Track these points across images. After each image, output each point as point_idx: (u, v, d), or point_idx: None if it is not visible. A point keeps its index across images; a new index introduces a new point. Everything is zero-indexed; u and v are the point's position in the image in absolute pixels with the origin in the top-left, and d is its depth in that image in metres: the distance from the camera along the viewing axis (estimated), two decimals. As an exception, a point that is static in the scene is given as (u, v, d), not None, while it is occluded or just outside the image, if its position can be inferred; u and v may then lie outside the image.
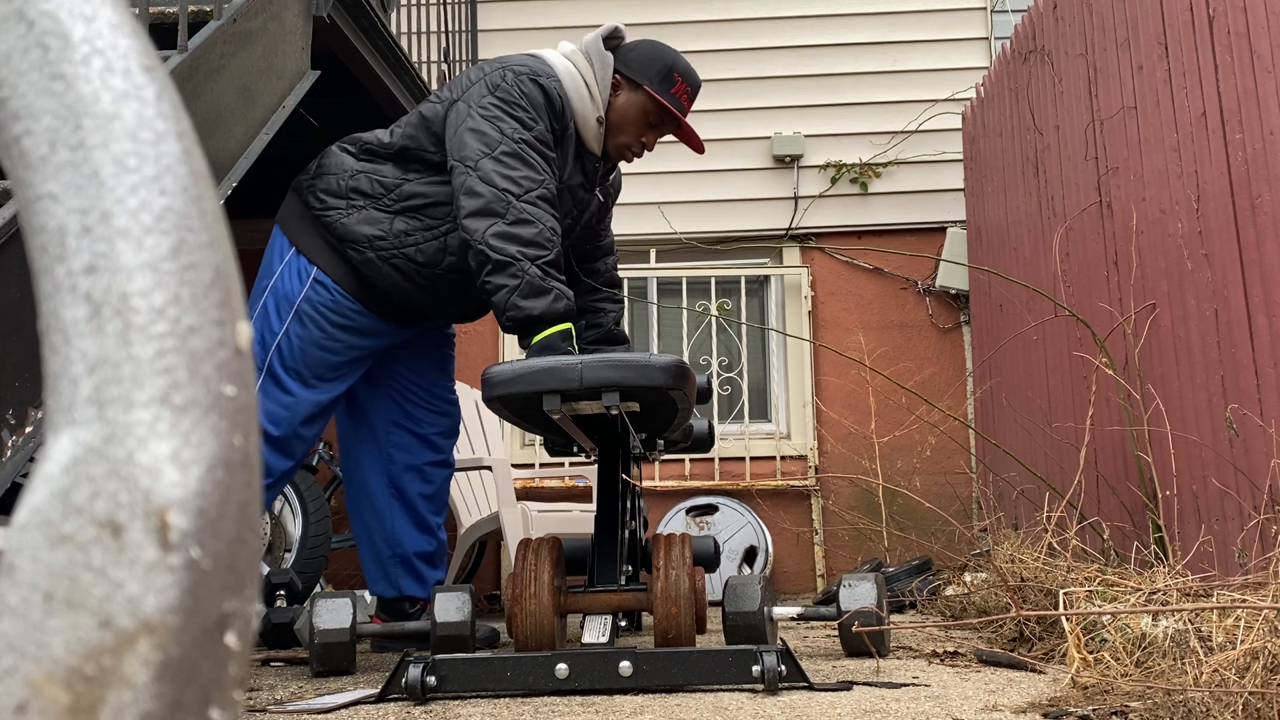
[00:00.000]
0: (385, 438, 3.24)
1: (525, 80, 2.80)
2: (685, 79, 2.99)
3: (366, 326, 2.97)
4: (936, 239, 5.92)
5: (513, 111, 2.76)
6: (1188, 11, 3.17)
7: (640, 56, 2.97)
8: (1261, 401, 2.77)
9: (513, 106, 2.76)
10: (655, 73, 2.94)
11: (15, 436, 1.81)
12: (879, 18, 6.14)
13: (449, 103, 2.86)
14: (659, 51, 3.00)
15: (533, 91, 2.79)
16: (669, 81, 2.94)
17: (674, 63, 2.98)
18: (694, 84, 3.03)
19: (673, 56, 3.00)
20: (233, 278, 0.43)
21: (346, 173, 2.92)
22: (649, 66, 2.94)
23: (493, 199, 2.66)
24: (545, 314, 2.64)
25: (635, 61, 2.96)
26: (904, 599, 4.01)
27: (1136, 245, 3.49)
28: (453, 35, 5.25)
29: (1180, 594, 2.29)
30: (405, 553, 3.22)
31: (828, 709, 1.99)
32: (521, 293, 2.63)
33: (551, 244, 2.68)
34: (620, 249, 6.09)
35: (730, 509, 5.50)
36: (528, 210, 2.67)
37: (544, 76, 2.83)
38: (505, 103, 2.76)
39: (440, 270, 2.90)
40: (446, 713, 2.10)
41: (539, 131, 2.77)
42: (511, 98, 2.77)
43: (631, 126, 2.97)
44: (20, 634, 0.36)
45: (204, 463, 0.39)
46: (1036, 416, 4.40)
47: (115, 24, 0.43)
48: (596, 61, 2.92)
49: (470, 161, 2.71)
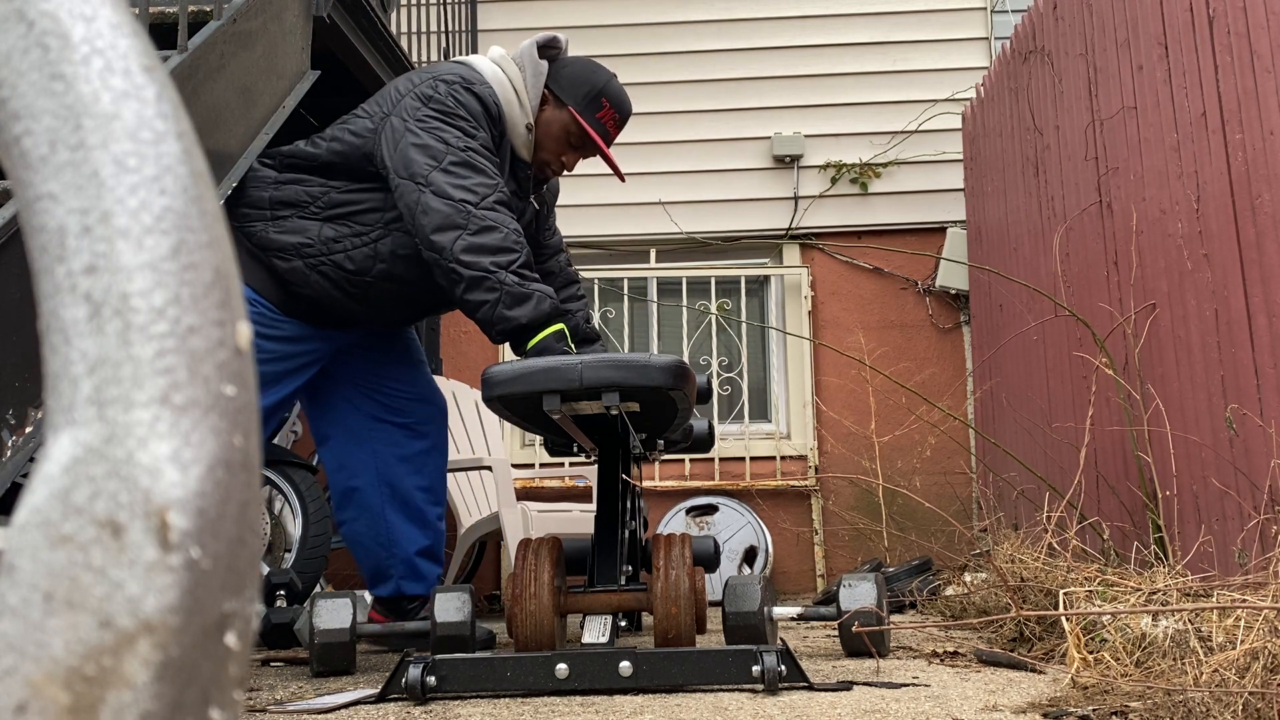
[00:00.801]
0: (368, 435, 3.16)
1: (459, 89, 2.74)
2: (614, 105, 2.90)
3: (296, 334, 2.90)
4: (936, 239, 5.92)
5: (452, 121, 2.70)
6: (1188, 11, 3.17)
7: (571, 75, 2.90)
8: (1261, 401, 2.77)
9: (451, 117, 2.70)
10: (583, 94, 2.87)
11: (15, 436, 1.81)
12: (879, 18, 6.14)
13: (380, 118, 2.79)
14: (591, 73, 2.92)
15: (468, 100, 2.73)
16: (595, 105, 2.87)
17: (604, 87, 2.89)
18: (623, 111, 2.94)
19: (604, 80, 2.91)
20: (233, 278, 0.43)
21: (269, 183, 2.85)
22: (578, 87, 2.88)
23: (451, 211, 2.61)
24: (533, 319, 2.60)
25: (566, 79, 2.89)
26: (904, 599, 4.01)
27: (1136, 245, 3.49)
28: (453, 35, 5.25)
29: (1180, 594, 2.29)
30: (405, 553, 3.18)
31: (828, 709, 1.99)
32: (504, 304, 2.59)
33: (520, 245, 2.63)
34: (620, 249, 6.12)
35: (730, 509, 5.50)
36: (489, 216, 2.61)
37: (477, 84, 2.77)
38: (443, 113, 2.70)
39: (371, 277, 2.83)
40: (446, 713, 2.10)
41: (482, 139, 2.72)
42: (447, 108, 2.71)
43: (553, 143, 2.91)
44: (20, 634, 0.36)
45: (204, 463, 0.39)
46: (1036, 416, 4.40)
47: (115, 24, 0.43)
48: (529, 69, 2.86)
49: (420, 178, 2.64)
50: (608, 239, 6.01)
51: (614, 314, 6.03)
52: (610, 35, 6.16)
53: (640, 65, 6.13)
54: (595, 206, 5.86)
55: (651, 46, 6.16)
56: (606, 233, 5.99)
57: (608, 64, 6.58)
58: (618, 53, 6.14)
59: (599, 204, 5.90)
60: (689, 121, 6.09)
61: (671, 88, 6.11)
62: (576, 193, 5.91)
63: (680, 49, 6.16)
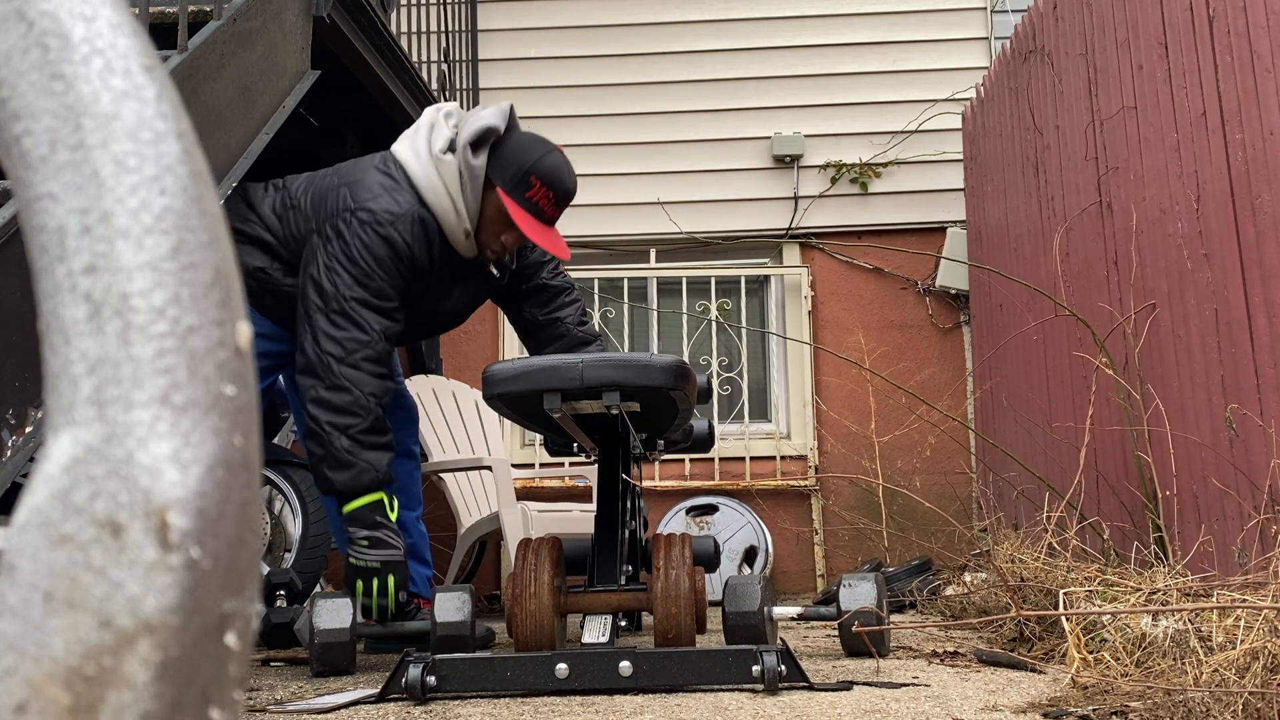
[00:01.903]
0: None
1: (368, 231, 2.75)
2: (545, 182, 2.85)
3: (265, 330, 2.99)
4: (936, 239, 5.92)
5: (348, 267, 2.74)
6: (1188, 11, 3.17)
7: (505, 155, 2.87)
8: (1261, 401, 2.77)
9: (350, 261, 2.74)
10: (511, 174, 2.84)
11: (15, 436, 1.81)
12: (879, 18, 6.14)
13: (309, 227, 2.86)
14: (525, 151, 2.88)
15: (373, 243, 2.75)
16: (524, 184, 2.84)
17: (534, 165, 2.85)
18: (559, 187, 2.87)
19: (536, 157, 2.86)
20: (233, 278, 0.42)
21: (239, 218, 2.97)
22: (508, 167, 2.85)
23: (315, 361, 2.71)
24: (349, 488, 2.70)
25: (499, 160, 2.87)
26: (904, 599, 4.01)
27: (1136, 245, 3.49)
28: (453, 35, 5.25)
29: (1180, 594, 2.29)
30: None
31: (828, 709, 1.99)
32: (328, 464, 2.70)
33: (367, 410, 2.70)
34: (620, 249, 6.12)
35: (730, 509, 5.50)
36: (347, 376, 2.69)
37: (386, 225, 2.76)
38: (344, 255, 2.75)
39: None
40: (446, 713, 2.10)
41: (375, 287, 2.74)
42: (350, 253, 2.74)
43: (489, 225, 2.91)
44: (20, 634, 0.36)
45: (204, 463, 0.39)
46: (1036, 416, 4.40)
47: (115, 24, 0.43)
48: (466, 174, 2.84)
49: (307, 315, 2.75)
50: (608, 239, 6.01)
51: (614, 314, 6.03)
52: (610, 35, 6.16)
53: (640, 65, 6.13)
54: (595, 206, 5.86)
55: (651, 46, 6.15)
56: (606, 233, 5.99)
57: (607, 64, 6.50)
58: (618, 53, 6.15)
59: (599, 204, 5.90)
60: (689, 121, 6.09)
61: (671, 88, 6.11)
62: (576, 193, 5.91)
63: (680, 49, 6.16)
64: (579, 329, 3.28)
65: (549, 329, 3.26)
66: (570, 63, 6.09)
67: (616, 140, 6.05)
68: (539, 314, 3.25)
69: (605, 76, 6.09)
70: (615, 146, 6.04)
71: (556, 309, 3.27)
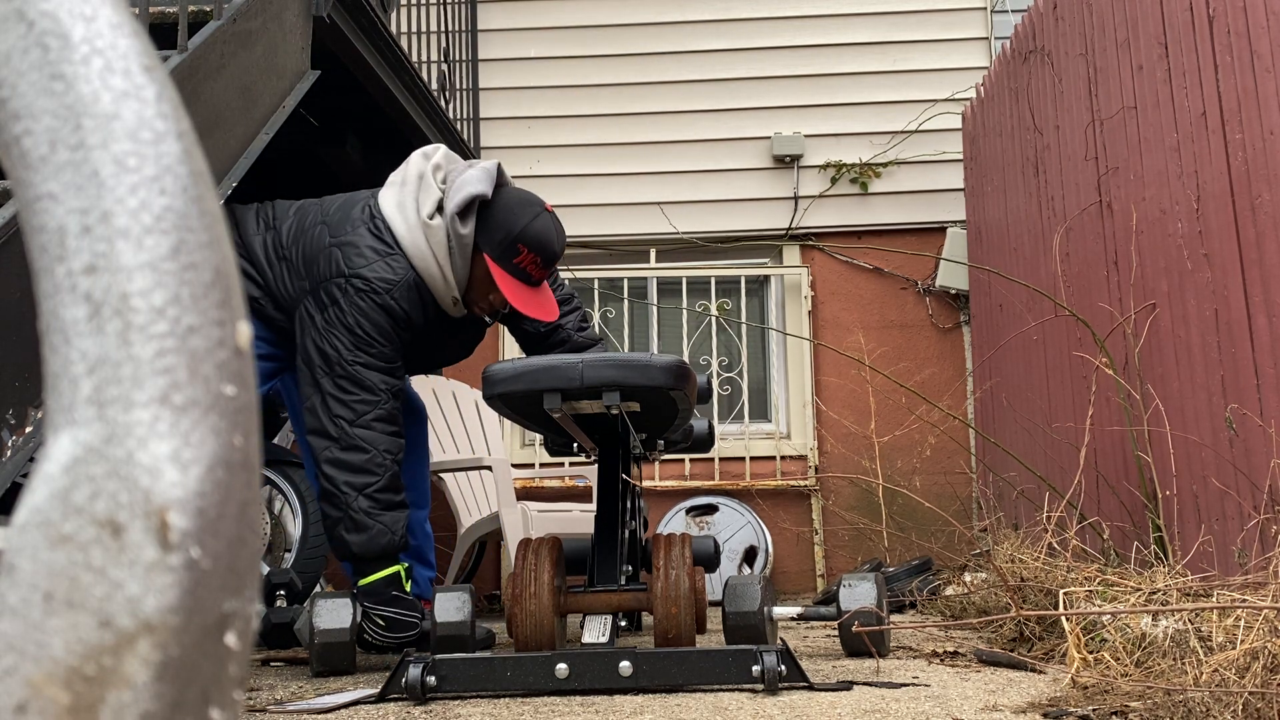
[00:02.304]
0: None
1: (366, 300, 2.78)
2: (533, 248, 2.87)
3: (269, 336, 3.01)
4: (936, 239, 5.92)
5: (347, 335, 2.77)
6: (1188, 11, 3.17)
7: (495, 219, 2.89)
8: (1261, 401, 2.77)
9: (348, 330, 2.77)
10: (498, 241, 2.87)
11: (15, 436, 1.81)
12: (879, 18, 6.14)
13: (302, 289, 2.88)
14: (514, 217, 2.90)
15: (370, 311, 2.78)
16: (511, 251, 2.86)
17: (521, 232, 2.87)
18: (546, 252, 2.89)
19: (525, 222, 2.89)
20: (233, 278, 0.43)
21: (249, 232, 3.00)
22: (495, 233, 2.87)
23: (328, 423, 2.73)
24: (365, 551, 2.72)
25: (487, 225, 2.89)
26: (904, 599, 4.01)
27: (1136, 245, 3.49)
28: (453, 35, 5.25)
29: (1180, 594, 2.29)
30: None
31: (828, 709, 1.99)
32: (344, 526, 2.71)
33: (384, 468, 2.73)
34: (620, 249, 6.11)
35: (730, 509, 5.50)
36: (360, 437, 2.72)
37: (382, 294, 2.79)
38: (341, 323, 2.77)
39: None
40: (446, 713, 2.10)
41: (376, 351, 2.78)
42: (347, 320, 2.77)
43: (478, 285, 2.94)
44: (20, 634, 0.36)
45: (204, 463, 0.39)
46: (1036, 416, 4.40)
47: (115, 24, 0.43)
48: (455, 241, 2.86)
49: (313, 379, 2.77)
50: (608, 239, 6.01)
51: (614, 314, 6.03)
52: (610, 35, 6.16)
53: (640, 65, 6.13)
54: (595, 206, 5.87)
55: (651, 46, 6.15)
56: (606, 233, 5.99)
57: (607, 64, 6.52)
58: (618, 53, 6.14)
59: (599, 204, 5.90)
60: (689, 121, 6.09)
61: (671, 88, 6.11)
62: (577, 193, 5.91)
63: (680, 49, 6.16)
64: (579, 334, 3.29)
65: (550, 337, 3.27)
66: (570, 63, 6.09)
67: (616, 140, 6.05)
68: (540, 326, 3.26)
69: (605, 76, 6.09)
70: (615, 146, 6.04)
71: (557, 319, 3.28)
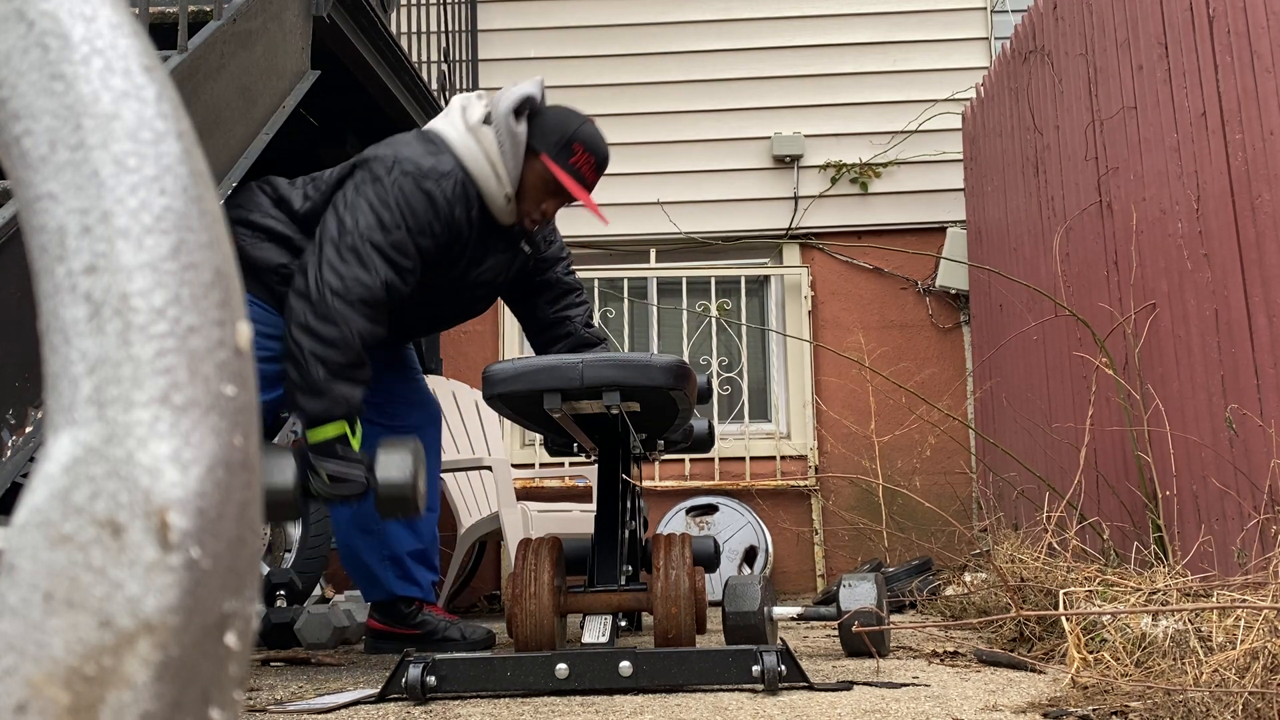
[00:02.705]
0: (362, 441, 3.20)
1: (408, 183, 2.74)
2: (588, 148, 2.90)
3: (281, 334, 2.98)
4: (936, 239, 5.92)
5: (377, 209, 2.72)
6: (1188, 11, 3.17)
7: (545, 124, 2.91)
8: (1261, 401, 2.77)
9: (381, 205, 2.72)
10: (554, 141, 2.88)
11: (15, 436, 1.81)
12: (879, 18, 6.14)
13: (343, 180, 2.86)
14: (565, 120, 2.93)
15: (412, 194, 2.73)
16: (568, 151, 2.88)
17: (576, 131, 2.90)
18: (598, 154, 2.93)
19: (577, 125, 2.92)
20: (233, 278, 0.42)
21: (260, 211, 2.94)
22: (550, 134, 2.88)
23: (312, 288, 2.68)
24: (318, 417, 2.66)
25: (539, 129, 2.90)
26: (904, 599, 4.01)
27: (1136, 245, 3.49)
28: (453, 35, 5.25)
29: (1180, 594, 2.29)
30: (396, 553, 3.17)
31: (828, 709, 1.99)
32: (301, 390, 2.66)
33: (350, 348, 2.67)
34: (620, 249, 6.11)
35: (730, 509, 5.50)
36: (339, 311, 2.66)
37: (430, 179, 2.76)
38: (378, 198, 2.73)
39: None
40: (446, 713, 2.10)
41: (396, 238, 2.71)
42: (384, 197, 2.73)
43: (532, 193, 2.93)
44: (20, 634, 0.36)
45: (204, 463, 0.39)
46: (1036, 416, 4.40)
47: (115, 24, 0.43)
48: (507, 139, 2.85)
49: (318, 243, 2.72)
50: (608, 239, 6.01)
51: (614, 314, 6.03)
52: (610, 35, 6.16)
53: (640, 65, 6.13)
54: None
55: (651, 46, 6.15)
56: (606, 233, 5.99)
57: (607, 64, 6.53)
58: (618, 53, 6.14)
59: (598, 204, 5.88)
60: (689, 121, 6.09)
61: (671, 88, 6.11)
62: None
63: (680, 49, 6.16)
64: (586, 330, 3.29)
65: (557, 328, 3.26)
66: (570, 63, 6.09)
67: (616, 140, 6.02)
68: (549, 312, 3.26)
69: (605, 76, 6.09)
70: (615, 146, 5.99)
71: (565, 308, 3.28)
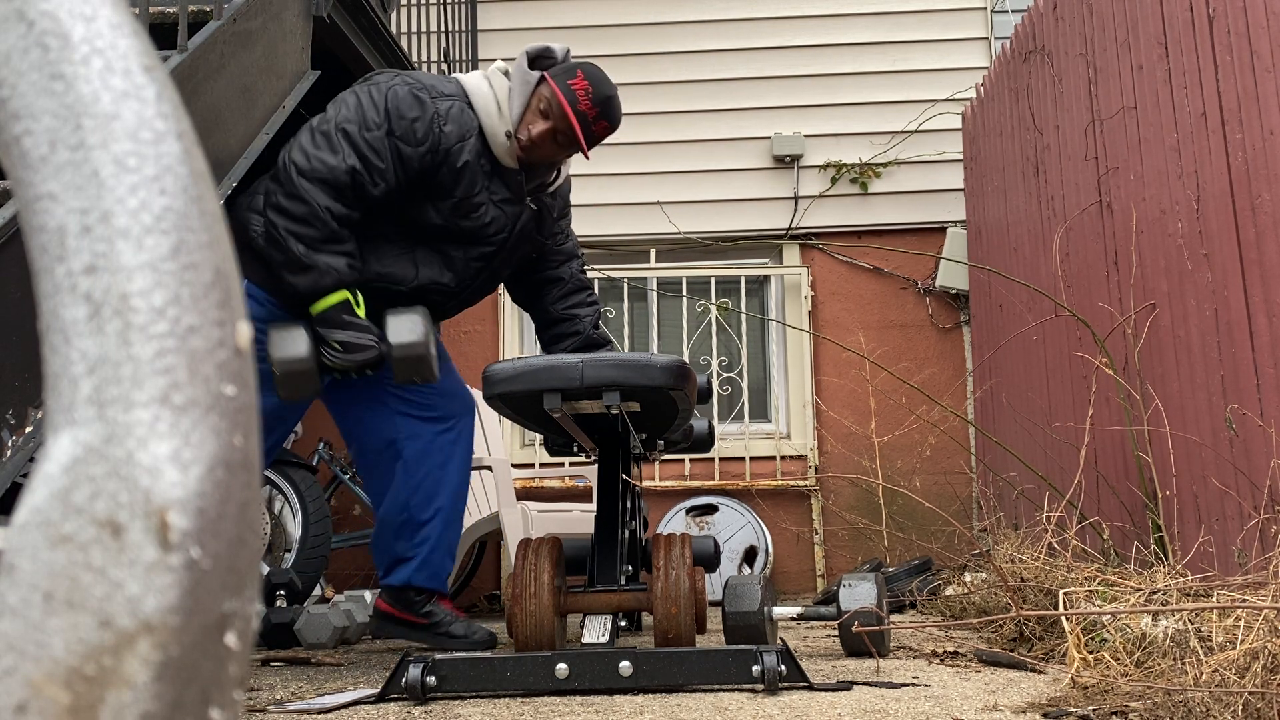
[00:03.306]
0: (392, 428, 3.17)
1: (403, 89, 2.79)
2: (588, 77, 2.91)
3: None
4: (936, 239, 5.92)
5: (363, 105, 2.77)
6: (1188, 11, 3.17)
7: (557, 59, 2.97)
8: (1261, 401, 2.77)
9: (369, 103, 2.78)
10: (560, 68, 2.93)
11: (15, 436, 1.81)
12: (879, 18, 6.14)
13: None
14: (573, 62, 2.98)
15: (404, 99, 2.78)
16: (569, 74, 2.91)
17: (582, 64, 2.95)
18: (597, 86, 2.91)
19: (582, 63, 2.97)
20: (233, 278, 0.43)
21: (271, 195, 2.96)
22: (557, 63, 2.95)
23: (282, 167, 2.75)
24: (311, 291, 2.72)
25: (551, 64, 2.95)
26: (904, 599, 4.01)
27: (1136, 245, 3.49)
28: (453, 35, 5.25)
29: (1180, 594, 2.29)
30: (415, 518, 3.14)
31: (828, 709, 1.99)
32: (287, 269, 2.72)
33: (322, 223, 2.72)
34: (620, 249, 6.12)
35: (730, 509, 5.50)
36: (303, 189, 2.71)
37: (425, 90, 2.81)
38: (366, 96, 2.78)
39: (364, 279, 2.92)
40: (446, 713, 2.10)
41: (373, 136, 2.75)
42: (374, 97, 2.78)
43: (527, 116, 2.92)
44: (20, 634, 0.36)
45: (204, 463, 0.39)
46: (1036, 416, 4.40)
47: (115, 24, 0.43)
48: (517, 79, 2.90)
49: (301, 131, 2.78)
50: (608, 239, 6.01)
51: (614, 314, 6.03)
52: (610, 35, 6.16)
53: (640, 65, 6.13)
54: (595, 206, 5.86)
55: (651, 46, 6.15)
56: (606, 233, 5.99)
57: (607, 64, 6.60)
58: (618, 53, 6.14)
59: (599, 204, 5.90)
60: (689, 121, 6.09)
61: (671, 88, 6.11)
62: (577, 193, 5.89)
63: (680, 49, 6.16)
64: (594, 331, 3.29)
65: (565, 324, 3.26)
66: (570, 63, 6.08)
67: (616, 140, 6.04)
68: (559, 308, 3.26)
69: (605, 76, 6.08)
70: (615, 146, 6.04)
71: (575, 305, 3.28)
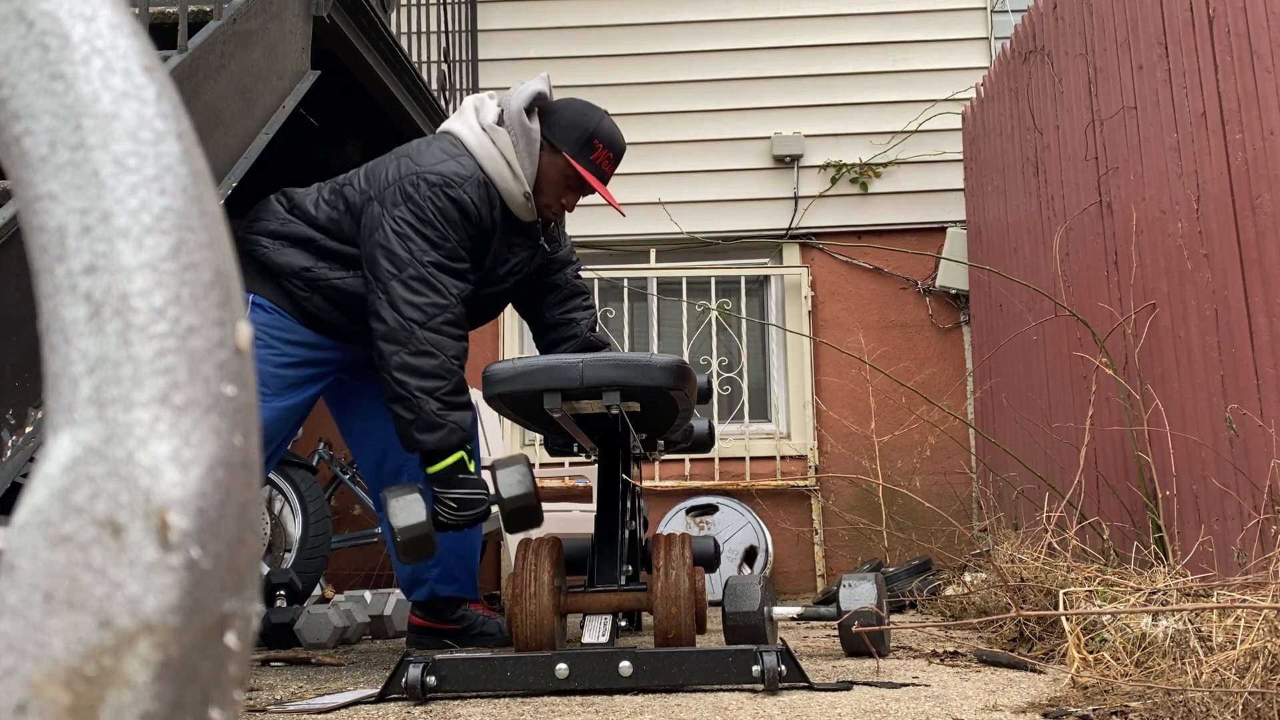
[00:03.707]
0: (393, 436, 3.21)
1: (439, 194, 2.79)
2: (606, 145, 2.96)
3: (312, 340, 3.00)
4: (936, 239, 5.92)
5: (422, 229, 2.77)
6: (1188, 11, 3.17)
7: (563, 121, 2.96)
8: (1261, 401, 2.77)
9: (423, 224, 2.77)
10: (575, 139, 2.93)
11: (15, 436, 1.81)
12: (879, 18, 6.14)
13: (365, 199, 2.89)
14: (583, 116, 2.98)
15: (445, 207, 2.79)
16: (589, 148, 2.94)
17: (595, 128, 2.96)
18: (616, 149, 3.00)
19: (595, 121, 2.98)
20: (233, 278, 0.43)
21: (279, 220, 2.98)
22: (570, 132, 2.94)
23: (397, 328, 2.73)
24: (439, 448, 2.74)
25: (558, 126, 2.95)
26: (904, 599, 4.01)
27: (1136, 245, 3.49)
28: (453, 35, 5.25)
29: (1180, 594, 2.29)
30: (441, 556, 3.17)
31: (828, 709, 1.99)
32: (417, 427, 2.72)
33: (451, 373, 2.75)
34: (620, 249, 6.11)
35: (730, 509, 5.50)
36: (430, 340, 2.73)
37: (456, 186, 2.82)
38: (417, 218, 2.77)
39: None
40: (446, 713, 2.10)
41: (449, 249, 2.78)
42: (423, 215, 2.78)
43: (552, 189, 2.99)
44: (20, 634, 0.36)
45: (204, 463, 0.39)
46: (1036, 416, 4.40)
47: (115, 24, 0.43)
48: (521, 137, 2.91)
49: (381, 283, 2.76)
50: (608, 239, 6.02)
51: (614, 314, 6.03)
52: (610, 35, 6.16)
53: (640, 65, 6.13)
54: (595, 207, 5.83)
55: (651, 46, 6.15)
56: (606, 233, 5.99)
57: (607, 64, 6.53)
58: (618, 53, 6.14)
59: (599, 204, 5.88)
60: (689, 121, 6.09)
61: (671, 88, 6.11)
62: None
63: (680, 49, 6.16)
64: (591, 335, 3.32)
65: (563, 329, 3.29)
66: (570, 63, 6.09)
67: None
68: (557, 313, 3.30)
69: (605, 76, 6.09)
70: (615, 146, 6.05)
71: (572, 310, 3.31)
